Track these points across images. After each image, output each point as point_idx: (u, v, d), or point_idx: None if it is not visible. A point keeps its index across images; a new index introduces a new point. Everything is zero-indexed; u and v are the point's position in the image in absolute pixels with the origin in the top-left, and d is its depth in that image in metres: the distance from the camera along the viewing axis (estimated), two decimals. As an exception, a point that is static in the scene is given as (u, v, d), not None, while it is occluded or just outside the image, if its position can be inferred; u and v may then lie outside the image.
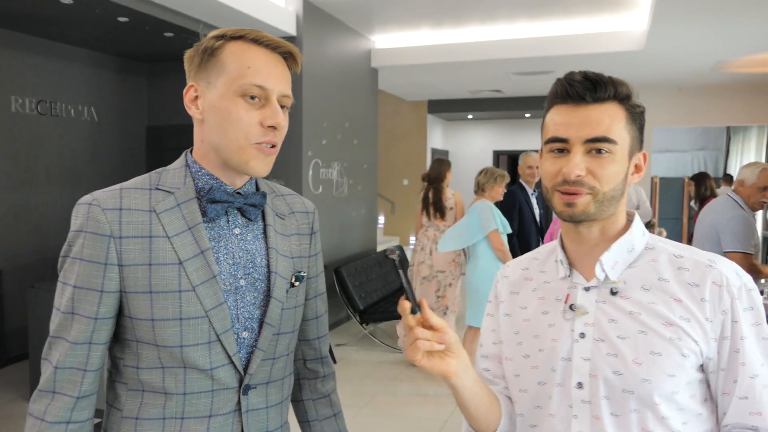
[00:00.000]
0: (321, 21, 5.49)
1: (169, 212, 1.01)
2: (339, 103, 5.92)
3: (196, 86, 1.03)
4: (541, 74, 7.09)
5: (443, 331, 0.93)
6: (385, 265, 6.24)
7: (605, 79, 0.96)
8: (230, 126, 0.99)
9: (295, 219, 1.17)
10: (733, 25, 4.96)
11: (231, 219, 1.06)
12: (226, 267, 1.04)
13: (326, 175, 5.74)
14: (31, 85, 4.92)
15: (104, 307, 0.99)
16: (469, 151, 10.86)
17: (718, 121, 8.44)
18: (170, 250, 0.99)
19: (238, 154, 1.00)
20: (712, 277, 0.94)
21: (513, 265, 1.16)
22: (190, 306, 0.99)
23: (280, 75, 1.03)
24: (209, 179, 1.05)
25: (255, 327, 1.06)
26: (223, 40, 1.02)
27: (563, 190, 0.96)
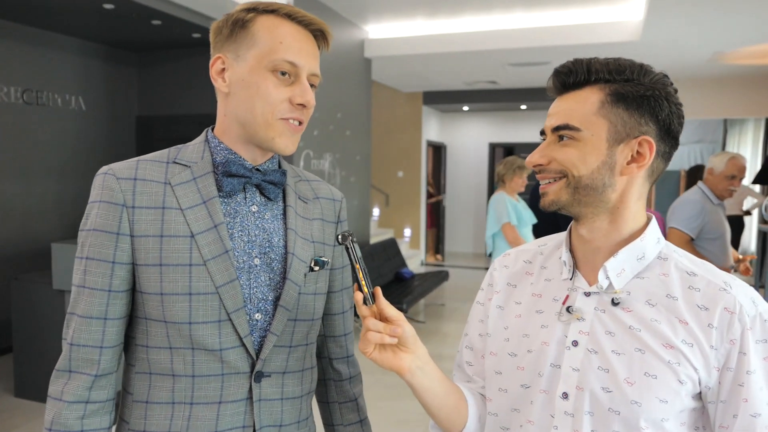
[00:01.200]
0: (313, 10, 5.41)
1: (184, 185, 1.00)
2: (331, 93, 5.85)
3: (223, 58, 1.00)
4: (537, 65, 7.02)
5: (397, 323, 0.89)
6: (378, 257, 6.20)
7: (579, 64, 0.90)
8: (259, 100, 0.97)
9: (319, 204, 1.14)
10: (730, 16, 4.90)
11: (249, 196, 1.04)
12: (240, 244, 1.01)
13: (318, 167, 5.67)
14: (16, 74, 4.84)
15: (117, 280, 0.97)
16: (465, 143, 10.79)
17: (714, 114, 8.38)
18: (182, 222, 0.97)
19: (265, 130, 0.99)
20: (725, 303, 0.85)
21: (515, 255, 1.08)
22: (200, 281, 0.96)
23: (311, 53, 1.01)
24: (227, 153, 1.03)
25: (269, 309, 1.02)
26: (254, 13, 0.99)
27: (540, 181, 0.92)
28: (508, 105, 9.71)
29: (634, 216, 0.92)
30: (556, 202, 0.90)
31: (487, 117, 10.65)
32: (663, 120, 0.88)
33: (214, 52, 1.02)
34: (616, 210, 0.90)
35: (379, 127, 9.23)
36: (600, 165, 0.88)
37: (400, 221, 9.51)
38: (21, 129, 4.93)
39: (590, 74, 0.89)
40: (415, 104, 9.41)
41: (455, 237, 10.89)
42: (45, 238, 5.08)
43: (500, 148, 11.29)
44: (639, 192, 0.91)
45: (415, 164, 9.42)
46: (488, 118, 10.64)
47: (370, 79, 6.81)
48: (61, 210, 5.29)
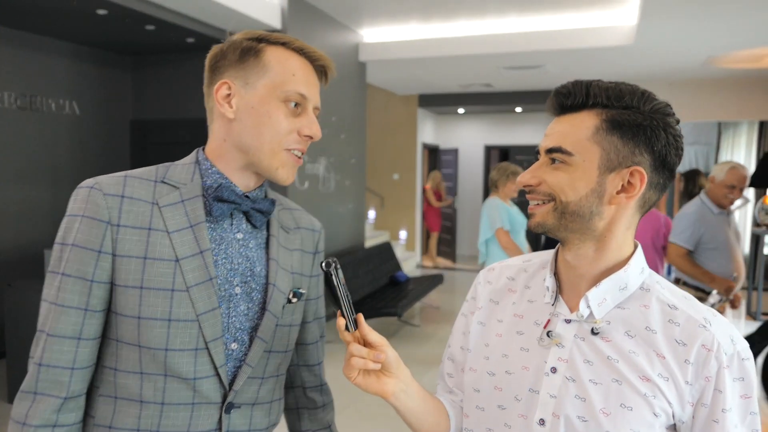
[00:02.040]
0: (307, 14, 5.41)
1: (172, 207, 0.98)
2: (325, 97, 5.80)
3: (230, 83, 1.00)
4: (531, 69, 7.03)
5: (380, 349, 0.89)
6: (372, 261, 6.20)
7: (578, 87, 0.88)
8: (268, 129, 0.98)
9: (300, 235, 1.14)
10: (723, 20, 4.91)
11: (235, 222, 1.03)
12: (223, 271, 1.00)
13: (312, 171, 5.67)
14: (9, 79, 4.83)
15: (94, 299, 0.94)
16: (460, 146, 10.80)
17: (708, 117, 8.41)
18: (168, 245, 0.95)
19: (270, 158, 0.99)
20: (703, 340, 0.85)
21: (499, 270, 1.07)
22: (181, 307, 0.94)
23: (317, 87, 1.04)
24: (219, 178, 1.02)
25: (246, 340, 1.01)
26: (265, 43, 1.01)
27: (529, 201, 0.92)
28: (503, 107, 9.73)
29: (620, 246, 0.91)
30: (543, 224, 0.90)
31: (482, 119, 10.66)
32: (659, 151, 0.86)
33: (217, 77, 1.01)
34: (603, 238, 0.89)
35: (374, 130, 9.23)
36: (589, 192, 0.86)
37: (396, 223, 9.52)
38: (15, 134, 4.91)
39: (588, 98, 0.87)
40: (411, 107, 9.42)
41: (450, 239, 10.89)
42: (38, 244, 5.07)
43: (495, 150, 11.30)
44: (628, 222, 0.90)
45: (410, 166, 9.43)
46: (483, 120, 10.65)
47: (365, 83, 6.81)
48: (54, 216, 5.27)
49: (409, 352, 5.21)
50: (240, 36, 1.03)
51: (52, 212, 5.27)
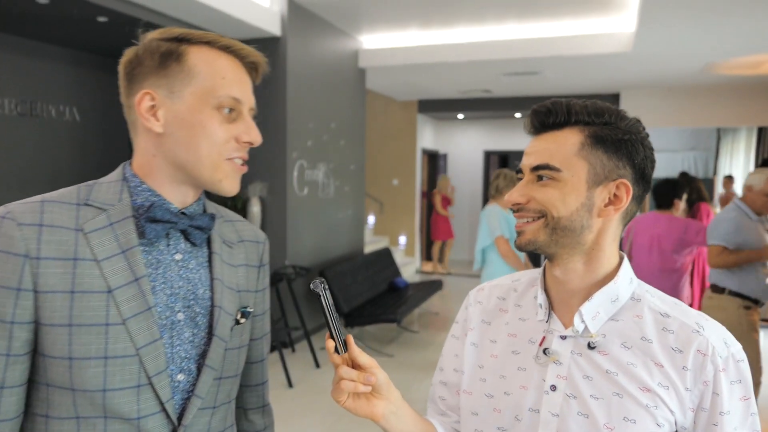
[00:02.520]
0: (306, 21, 5.43)
1: (100, 232, 0.87)
2: (325, 103, 5.87)
3: (152, 94, 0.90)
4: (530, 75, 7.06)
5: (370, 371, 0.88)
6: (371, 266, 6.20)
7: (559, 106, 0.90)
8: (204, 141, 0.89)
9: (244, 248, 1.05)
10: (721, 26, 4.93)
11: (172, 243, 0.93)
12: (163, 298, 0.91)
13: (312, 177, 5.68)
14: (10, 85, 4.84)
15: (17, 342, 0.83)
16: (460, 151, 10.82)
17: (707, 123, 8.43)
18: (98, 275, 0.85)
19: (212, 172, 0.91)
20: (697, 345, 0.86)
21: (488, 290, 1.07)
22: (117, 342, 0.85)
23: (249, 87, 0.95)
24: (150, 195, 0.92)
25: (193, 369, 0.92)
26: (187, 44, 0.91)
27: (516, 219, 0.92)
28: (502, 113, 9.75)
29: (608, 258, 0.92)
30: (534, 242, 0.90)
31: (481, 125, 10.69)
32: (638, 164, 0.89)
33: (136, 87, 0.91)
34: (591, 252, 0.91)
35: (373, 135, 9.25)
36: (579, 206, 0.88)
37: (395, 229, 9.52)
38: (15, 140, 4.93)
39: (570, 115, 0.89)
40: (410, 112, 9.44)
41: (450, 244, 10.90)
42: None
43: (495, 156, 11.32)
44: (614, 234, 0.92)
45: (410, 172, 9.44)
46: (483, 126, 10.68)
47: (365, 90, 6.83)
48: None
49: (408, 358, 5.20)
50: (156, 36, 0.92)
51: (52, 218, 5.27)
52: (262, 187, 5.20)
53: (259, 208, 5.26)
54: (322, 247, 5.94)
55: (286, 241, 5.30)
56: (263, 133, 0.99)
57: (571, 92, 8.51)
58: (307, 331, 5.03)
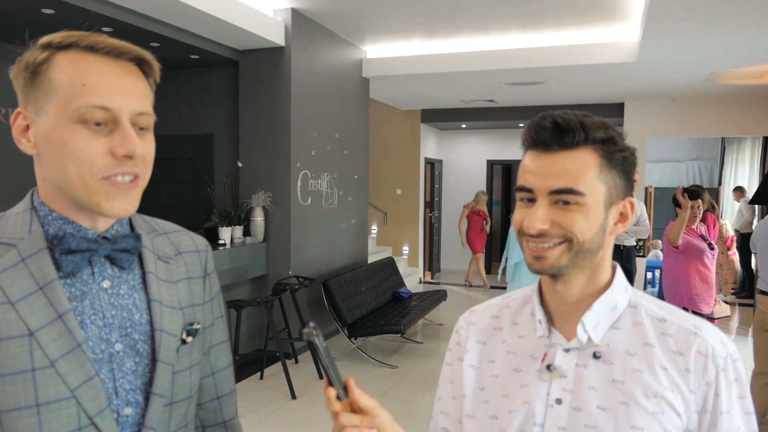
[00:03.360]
0: (310, 31, 5.44)
1: (11, 271, 0.79)
2: (329, 113, 5.87)
3: (24, 113, 0.81)
4: (534, 85, 7.05)
5: (373, 414, 0.85)
6: (375, 277, 6.17)
7: (574, 123, 0.86)
8: (69, 160, 0.78)
9: (183, 261, 0.97)
10: (725, 36, 4.93)
11: (97, 270, 0.85)
12: (95, 331, 0.83)
13: (315, 187, 5.67)
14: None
15: None
16: (463, 161, 10.81)
17: (711, 133, 8.41)
18: (15, 319, 0.77)
19: (87, 194, 0.80)
20: (697, 346, 0.87)
21: (480, 311, 1.05)
22: (48, 387, 0.77)
23: (130, 89, 0.81)
24: (62, 224, 0.83)
25: (140, 400, 0.86)
26: (49, 51, 0.80)
27: (531, 243, 0.88)
28: (505, 123, 9.74)
29: (607, 269, 0.93)
30: (557, 266, 0.87)
31: (484, 135, 10.68)
32: (631, 177, 0.91)
33: (19, 105, 0.83)
34: (597, 267, 0.91)
35: (377, 145, 9.25)
36: (598, 228, 0.88)
37: (399, 239, 9.50)
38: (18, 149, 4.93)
39: (587, 134, 0.86)
40: (413, 122, 9.44)
41: (451, 255, 10.87)
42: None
43: (498, 166, 11.31)
44: (611, 247, 0.94)
45: (413, 182, 9.43)
46: (486, 135, 10.67)
47: (368, 99, 6.84)
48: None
49: (412, 370, 5.16)
50: (38, 43, 0.83)
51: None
52: (265, 196, 5.19)
53: (263, 218, 5.25)
54: (326, 258, 5.92)
55: (290, 251, 5.29)
56: (267, 143, 0.92)
57: (575, 102, 8.50)
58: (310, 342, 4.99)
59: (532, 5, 4.98)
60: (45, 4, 3.79)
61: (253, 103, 5.32)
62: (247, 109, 5.35)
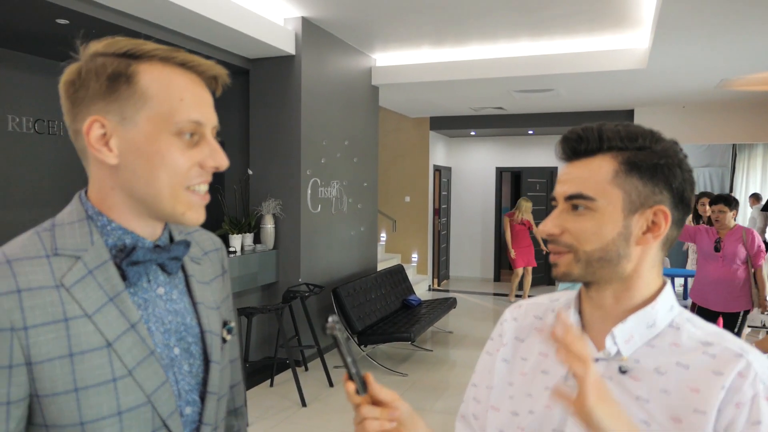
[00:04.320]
0: (320, 39, 5.47)
1: (82, 284, 0.79)
2: (339, 121, 5.89)
3: (102, 121, 0.80)
4: (543, 92, 7.05)
5: (393, 406, 0.86)
6: (384, 284, 6.17)
7: (590, 132, 0.87)
8: (164, 172, 0.81)
9: (209, 260, 1.01)
10: (736, 43, 4.91)
11: (152, 278, 0.88)
12: (159, 337, 0.86)
13: (325, 194, 5.69)
14: (28, 104, 4.91)
15: (13, 422, 0.76)
16: (472, 168, 10.81)
17: (722, 139, 8.37)
18: (94, 331, 0.79)
19: (173, 204, 0.83)
20: (739, 368, 0.82)
21: (525, 308, 1.05)
22: (128, 395, 0.80)
23: (210, 104, 0.86)
24: (122, 234, 0.84)
25: (197, 399, 0.90)
26: (137, 61, 0.81)
27: (549, 248, 0.91)
28: (515, 130, 9.74)
29: (647, 284, 0.89)
30: (569, 274, 0.88)
31: (494, 142, 10.68)
32: (677, 188, 0.86)
33: (82, 111, 0.81)
34: (630, 279, 0.88)
35: (386, 153, 9.27)
36: (615, 236, 0.86)
37: (408, 246, 9.49)
38: (33, 158, 4.98)
39: (602, 141, 0.87)
40: (422, 129, 9.45)
41: (461, 262, 10.85)
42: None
43: (507, 173, 11.29)
44: (653, 261, 0.89)
45: (422, 189, 9.43)
46: (495, 143, 10.66)
47: (378, 107, 6.86)
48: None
49: (422, 378, 5.15)
50: (100, 50, 0.82)
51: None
52: (275, 204, 5.21)
53: (273, 226, 5.26)
54: (336, 265, 5.92)
55: (300, 258, 5.30)
56: (277, 151, 0.94)
57: (585, 109, 8.49)
58: (320, 349, 4.99)
59: (541, 13, 4.99)
60: (59, 14, 3.83)
61: (263, 111, 5.36)
62: (258, 117, 5.39)
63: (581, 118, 8.74)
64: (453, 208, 10.86)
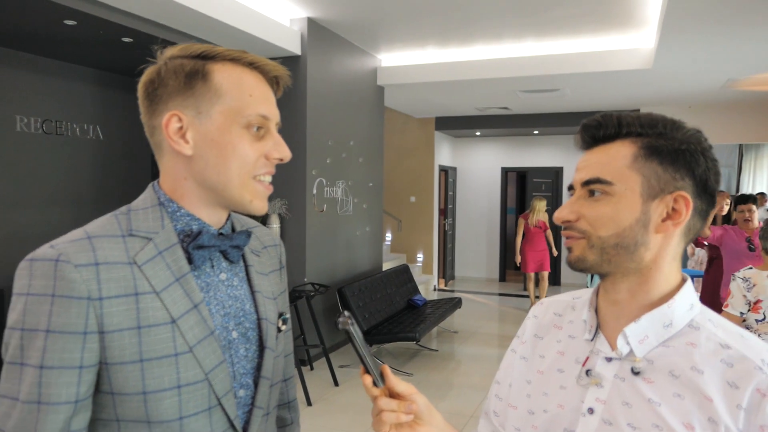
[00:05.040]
0: (326, 40, 5.49)
1: (152, 263, 0.87)
2: (344, 121, 5.91)
3: (180, 115, 0.88)
4: (549, 92, 7.05)
5: (410, 399, 0.86)
6: (390, 284, 6.18)
7: (610, 118, 0.86)
8: (235, 161, 0.89)
9: (268, 254, 1.08)
10: (742, 43, 4.89)
11: (215, 264, 0.95)
12: (219, 319, 0.92)
13: (331, 194, 5.71)
14: (36, 105, 4.95)
15: (84, 386, 0.82)
16: (477, 168, 10.80)
17: (729, 140, 8.33)
18: (160, 307, 0.85)
19: (241, 192, 0.91)
20: (757, 383, 0.76)
21: (547, 305, 1.03)
22: (188, 370, 0.86)
23: (274, 101, 0.95)
24: (190, 220, 0.92)
25: (250, 383, 0.96)
26: (212, 62, 0.90)
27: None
28: (520, 130, 9.73)
29: (666, 278, 0.85)
30: (583, 260, 0.86)
31: (499, 142, 10.67)
32: (699, 176, 0.83)
33: (160, 107, 0.89)
34: (648, 271, 0.85)
35: (391, 153, 9.28)
36: (633, 222, 0.83)
37: (413, 246, 9.50)
38: (41, 158, 5.02)
39: (621, 127, 0.85)
40: (428, 129, 9.46)
41: (466, 262, 10.85)
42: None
43: (513, 173, 11.28)
44: (674, 252, 0.86)
45: (427, 189, 9.44)
46: (501, 143, 10.66)
47: (383, 107, 6.87)
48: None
49: (427, 377, 5.15)
50: (177, 53, 0.91)
51: (75, 235, 5.34)
52: (281, 204, 5.23)
53: (278, 225, 5.28)
54: (341, 265, 5.94)
55: (305, 258, 5.31)
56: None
57: (591, 109, 8.47)
58: (325, 348, 5.01)
59: (546, 13, 4.99)
60: (67, 15, 3.86)
61: (269, 112, 5.37)
62: (264, 118, 5.40)
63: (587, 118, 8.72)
64: (458, 208, 10.85)
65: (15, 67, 4.77)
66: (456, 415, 4.12)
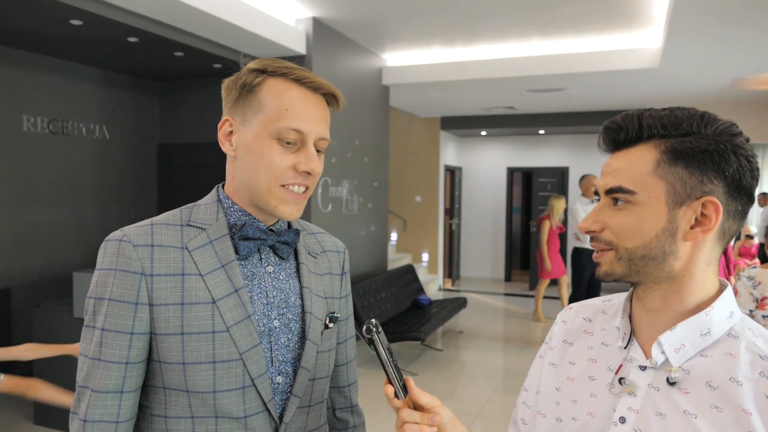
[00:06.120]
0: (331, 40, 5.49)
1: (202, 249, 0.98)
2: (349, 121, 5.90)
3: (231, 121, 1.01)
4: (555, 91, 7.02)
5: (434, 411, 0.85)
6: (395, 284, 6.18)
7: (630, 120, 0.82)
8: (263, 168, 0.97)
9: (327, 258, 1.15)
10: (750, 41, 4.86)
11: (264, 257, 1.04)
12: (260, 307, 1.01)
13: (336, 194, 5.71)
14: (43, 105, 4.97)
15: (135, 350, 0.94)
16: (483, 168, 10.79)
17: (736, 138, 8.29)
18: (203, 288, 0.96)
19: (267, 196, 0.99)
20: None
21: (576, 310, 1.00)
22: (223, 348, 0.95)
23: (320, 118, 1.00)
24: (242, 215, 1.03)
25: (290, 371, 1.02)
26: (263, 76, 0.99)
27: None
28: (526, 130, 9.71)
29: (701, 285, 0.82)
30: (611, 273, 0.83)
31: (505, 142, 10.65)
32: (731, 176, 0.78)
33: (225, 112, 1.02)
34: (681, 279, 0.81)
35: (396, 152, 9.27)
36: (660, 232, 0.79)
37: (418, 246, 9.49)
38: (47, 158, 5.04)
39: (642, 130, 0.81)
40: (433, 129, 9.45)
41: (472, 262, 10.83)
42: (67, 265, 5.15)
43: (518, 173, 11.25)
44: (708, 257, 0.82)
45: (432, 189, 9.43)
46: (506, 142, 10.64)
47: (388, 107, 6.86)
48: (82, 238, 5.37)
49: (432, 377, 5.15)
50: (250, 65, 1.02)
51: (81, 234, 5.37)
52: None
53: (284, 225, 5.29)
54: (346, 264, 5.93)
55: (310, 257, 5.31)
56: None
57: (597, 108, 8.44)
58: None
59: (552, 12, 4.97)
60: (73, 15, 3.88)
61: (274, 111, 5.37)
62: (269, 117, 5.40)
63: (593, 117, 8.70)
64: (464, 208, 10.84)
65: (21, 67, 4.79)
66: (461, 416, 4.10)
